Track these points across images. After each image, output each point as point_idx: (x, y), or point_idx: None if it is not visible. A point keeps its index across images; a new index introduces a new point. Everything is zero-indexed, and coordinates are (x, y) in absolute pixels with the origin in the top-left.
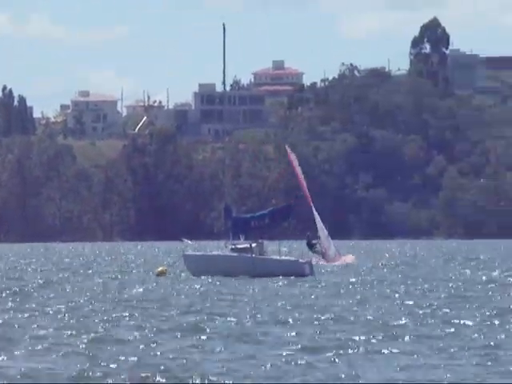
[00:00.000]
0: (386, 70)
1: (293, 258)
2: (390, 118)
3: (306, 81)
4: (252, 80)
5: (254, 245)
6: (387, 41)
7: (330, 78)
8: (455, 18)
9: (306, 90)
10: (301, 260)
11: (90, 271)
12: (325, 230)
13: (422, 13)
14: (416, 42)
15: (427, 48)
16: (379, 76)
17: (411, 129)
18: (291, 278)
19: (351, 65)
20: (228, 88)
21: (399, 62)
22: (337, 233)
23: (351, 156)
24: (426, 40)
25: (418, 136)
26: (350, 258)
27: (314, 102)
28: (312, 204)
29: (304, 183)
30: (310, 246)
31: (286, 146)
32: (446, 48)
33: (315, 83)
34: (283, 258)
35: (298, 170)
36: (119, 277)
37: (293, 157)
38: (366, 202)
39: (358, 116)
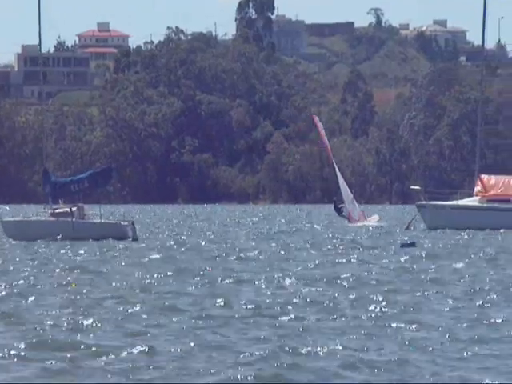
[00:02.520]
0: (213, 34)
1: (114, 221)
2: (217, 82)
3: (132, 44)
4: (77, 42)
5: (74, 209)
6: (214, 5)
7: (156, 41)
8: None
9: (131, 53)
10: (123, 222)
11: None
12: (350, 194)
13: None
14: (241, 7)
15: (252, 13)
16: (206, 40)
17: (238, 94)
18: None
19: (177, 28)
20: (52, 50)
21: (226, 27)
22: (162, 197)
23: (178, 120)
24: (251, 5)
25: (245, 101)
26: (374, 219)
27: (141, 66)
28: (337, 170)
29: (331, 153)
30: (338, 210)
31: (314, 116)
32: (272, 13)
33: (140, 46)
34: (104, 221)
35: (325, 139)
36: None
37: (320, 125)
38: (193, 166)
39: (184, 80)
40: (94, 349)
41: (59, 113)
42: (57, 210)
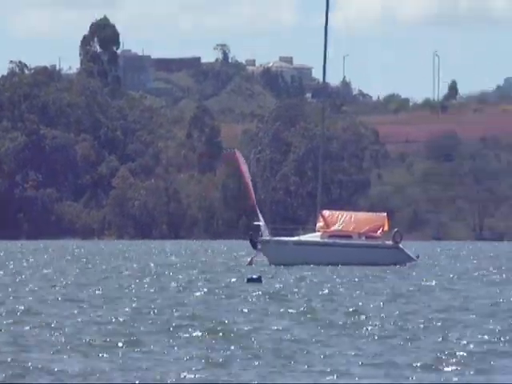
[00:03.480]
0: (57, 68)
1: None
2: (61, 116)
3: None
4: None
5: None
6: (58, 39)
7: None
8: (127, 19)
9: None
10: None
11: None
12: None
13: (93, 12)
14: (86, 41)
15: (97, 47)
16: (49, 74)
17: (83, 128)
18: None
19: (20, 62)
20: None
21: (70, 61)
22: (4, 233)
23: (21, 154)
24: (96, 39)
25: (90, 135)
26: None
27: None
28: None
29: (251, 190)
30: (253, 244)
31: (235, 150)
32: (117, 48)
33: None
34: None
35: (247, 175)
36: None
37: (241, 160)
38: (36, 201)
39: (28, 114)
40: None
41: None
42: None
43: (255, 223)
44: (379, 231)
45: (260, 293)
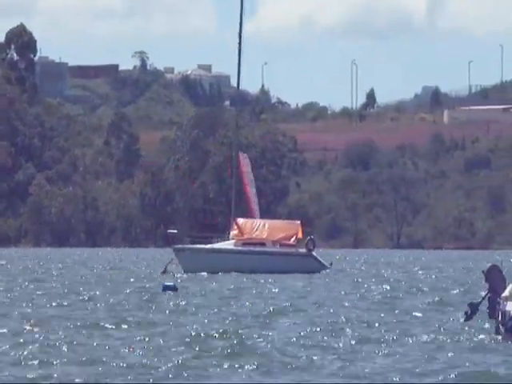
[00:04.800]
0: None
1: None
2: None
3: None
4: None
5: None
6: None
7: None
8: (43, 26)
9: None
10: None
11: None
12: None
13: (9, 19)
14: (2, 48)
15: (14, 54)
16: None
17: None
18: None
19: None
20: None
21: None
22: None
23: None
24: (13, 46)
25: (7, 142)
26: None
27: None
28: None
29: (250, 194)
30: None
31: (240, 152)
32: (34, 55)
33: None
34: None
35: (247, 180)
36: None
37: (246, 162)
38: None
39: None
40: None
41: None
42: None
43: (169, 231)
44: (293, 239)
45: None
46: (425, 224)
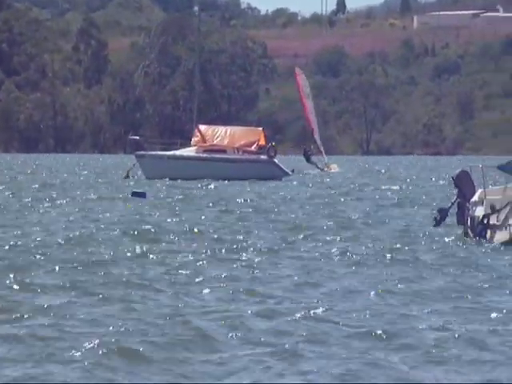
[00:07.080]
0: None
1: None
2: None
3: None
4: None
5: None
6: None
7: None
8: None
9: None
10: None
11: None
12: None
13: None
14: None
15: None
16: None
17: None
18: None
19: None
20: None
21: None
22: None
23: None
24: None
25: None
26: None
27: None
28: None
29: (310, 115)
30: (307, 158)
31: (296, 68)
32: None
33: None
34: None
35: (305, 100)
36: None
37: (303, 82)
38: None
39: None
40: None
41: None
42: None
43: (131, 137)
44: (254, 146)
45: None
46: (394, 130)
